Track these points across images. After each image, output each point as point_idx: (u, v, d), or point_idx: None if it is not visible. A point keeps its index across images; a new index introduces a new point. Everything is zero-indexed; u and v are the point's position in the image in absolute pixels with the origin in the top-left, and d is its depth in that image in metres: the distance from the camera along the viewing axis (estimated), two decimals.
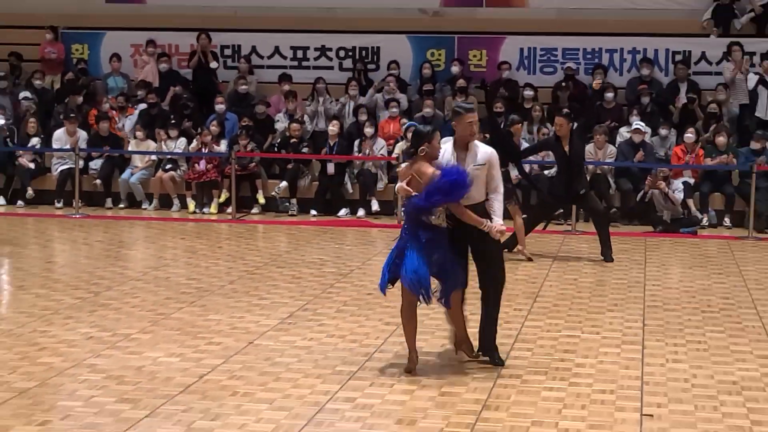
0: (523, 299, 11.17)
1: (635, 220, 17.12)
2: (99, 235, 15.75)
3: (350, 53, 20.86)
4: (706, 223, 16.86)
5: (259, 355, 8.77)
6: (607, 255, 13.75)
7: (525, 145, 16.03)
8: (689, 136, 17.33)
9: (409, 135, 17.21)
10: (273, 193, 18.05)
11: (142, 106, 19.57)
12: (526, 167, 15.33)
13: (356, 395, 7.70)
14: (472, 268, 8.63)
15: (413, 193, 8.09)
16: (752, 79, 18.66)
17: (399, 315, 9.74)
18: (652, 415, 7.33)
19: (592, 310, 10.77)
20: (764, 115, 18.42)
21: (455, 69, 19.80)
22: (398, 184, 8.36)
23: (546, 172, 17.42)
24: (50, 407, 7.43)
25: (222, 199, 17.98)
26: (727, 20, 20.13)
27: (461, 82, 19.29)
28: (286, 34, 21.06)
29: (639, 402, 7.63)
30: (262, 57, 21.12)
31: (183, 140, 18.49)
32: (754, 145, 17.24)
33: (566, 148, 13.59)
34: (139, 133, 18.63)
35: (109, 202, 18.50)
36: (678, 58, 19.85)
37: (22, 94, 19.99)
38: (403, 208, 8.55)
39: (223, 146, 18.33)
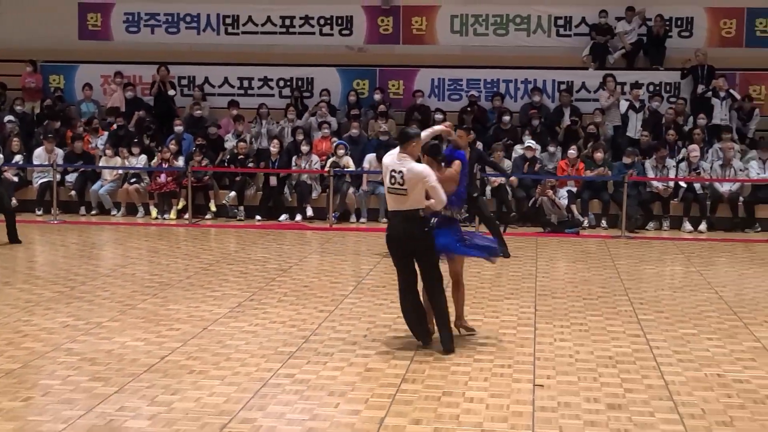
0: None
1: (528, 223, 17.25)
2: (74, 238, 15.51)
3: (288, 83, 20.85)
4: (587, 225, 17.04)
5: (212, 339, 8.70)
6: (504, 252, 13.81)
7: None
8: (572, 152, 17.52)
9: (340, 152, 17.45)
10: (224, 202, 17.97)
11: (112, 127, 19.38)
12: None
13: (295, 372, 7.67)
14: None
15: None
16: (624, 105, 18.93)
17: (330, 304, 9.75)
18: (542, 385, 7.38)
19: (492, 298, 10.83)
20: (634, 134, 18.69)
21: (378, 96, 19.86)
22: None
23: None
24: (32, 385, 7.30)
25: (180, 207, 17.82)
26: (603, 56, 20.38)
27: (382, 108, 19.37)
28: (234, 67, 21.01)
29: (532, 374, 7.68)
30: (213, 86, 21.01)
31: (144, 157, 18.37)
32: (626, 160, 17.47)
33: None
34: (108, 151, 18.44)
35: (82, 209, 18.27)
36: (562, 87, 20.06)
37: (6, 118, 19.69)
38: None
39: (180, 162, 18.20)
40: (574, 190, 17.38)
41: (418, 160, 8.35)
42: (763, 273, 12.87)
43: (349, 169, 17.58)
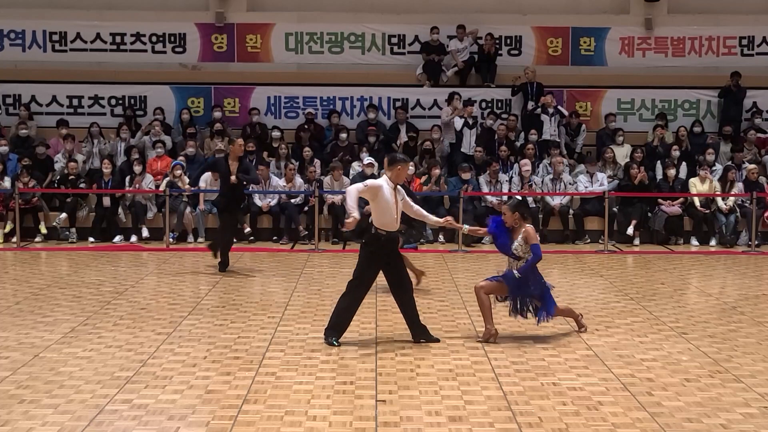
0: (275, 308, 11.14)
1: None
2: None
3: (120, 101, 20.46)
4: (425, 240, 17.29)
5: (44, 366, 8.39)
6: (222, 266, 13.85)
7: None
8: (410, 168, 17.73)
9: (177, 172, 17.15)
10: (54, 224, 17.43)
11: None
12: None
13: (133, 397, 7.48)
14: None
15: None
16: (459, 122, 19.32)
17: (168, 326, 9.59)
18: (384, 401, 7.42)
19: None
20: (468, 150, 19.09)
21: (217, 114, 19.69)
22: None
23: (293, 200, 17.54)
24: None
25: (7, 230, 17.18)
26: (437, 73, 20.77)
27: (218, 126, 19.22)
28: (63, 85, 20.50)
29: (374, 390, 7.72)
30: (41, 105, 20.42)
31: None
32: (464, 176, 17.79)
33: (233, 169, 13.64)
34: None
35: None
36: (398, 104, 20.37)
37: None
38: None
39: (6, 183, 17.55)
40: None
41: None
42: (593, 283, 13.34)
43: (185, 189, 17.33)
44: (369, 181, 9.42)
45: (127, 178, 17.75)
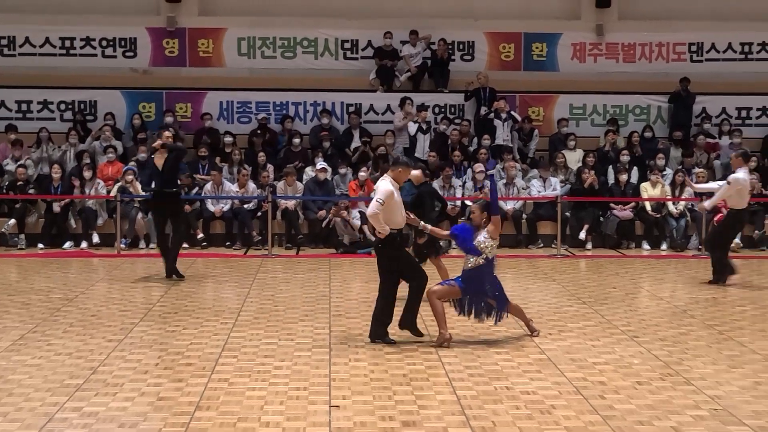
0: (228, 314, 11.09)
1: (320, 244, 17.36)
2: None
3: (70, 106, 20.27)
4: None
5: None
6: (175, 273, 13.61)
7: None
8: (362, 174, 17.77)
9: (128, 177, 17.00)
10: (2, 230, 17.19)
11: None
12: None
13: (83, 405, 7.40)
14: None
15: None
16: (413, 127, 19.35)
17: (120, 333, 9.51)
18: (338, 406, 7.41)
19: (287, 320, 10.81)
20: (422, 155, 19.12)
21: (169, 119, 19.56)
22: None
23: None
24: None
25: None
26: (390, 78, 20.80)
27: (171, 130, 19.06)
28: (11, 90, 20.25)
29: (328, 396, 7.71)
30: None
31: None
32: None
33: (160, 165, 13.61)
34: None
35: None
36: (351, 109, 20.36)
37: None
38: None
39: None
40: (366, 210, 17.56)
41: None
42: (546, 287, 13.43)
43: (137, 194, 17.19)
44: (380, 193, 9.61)
45: (77, 184, 17.56)
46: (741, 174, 13.41)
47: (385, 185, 9.69)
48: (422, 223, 10.28)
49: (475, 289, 9.54)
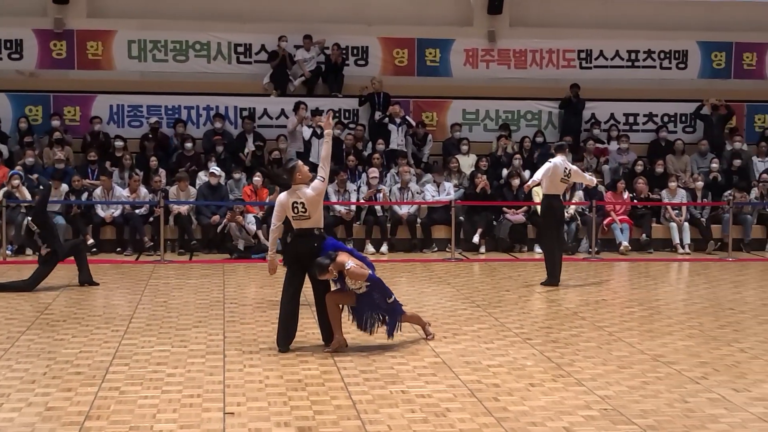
0: (119, 321, 10.88)
1: (214, 249, 17.20)
2: None
3: None
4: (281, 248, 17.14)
5: None
6: (88, 280, 13.45)
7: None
8: (257, 179, 17.66)
9: (15, 182, 16.56)
10: None
11: None
12: None
13: None
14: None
15: None
16: (307, 132, 19.31)
17: (6, 341, 9.28)
18: (233, 413, 7.34)
19: (180, 327, 10.66)
20: (316, 160, 19.04)
21: (56, 123, 19.13)
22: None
23: (137, 210, 17.22)
24: None
25: None
26: (284, 83, 20.73)
27: (58, 134, 18.72)
28: None
29: (222, 402, 7.62)
30: None
31: None
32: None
33: None
34: None
35: None
36: (245, 113, 20.24)
37: None
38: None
39: None
40: (260, 215, 17.51)
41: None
42: (441, 290, 13.53)
43: (24, 200, 16.76)
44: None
45: None
46: (558, 159, 13.86)
47: (313, 186, 9.87)
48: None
49: (368, 302, 9.53)
